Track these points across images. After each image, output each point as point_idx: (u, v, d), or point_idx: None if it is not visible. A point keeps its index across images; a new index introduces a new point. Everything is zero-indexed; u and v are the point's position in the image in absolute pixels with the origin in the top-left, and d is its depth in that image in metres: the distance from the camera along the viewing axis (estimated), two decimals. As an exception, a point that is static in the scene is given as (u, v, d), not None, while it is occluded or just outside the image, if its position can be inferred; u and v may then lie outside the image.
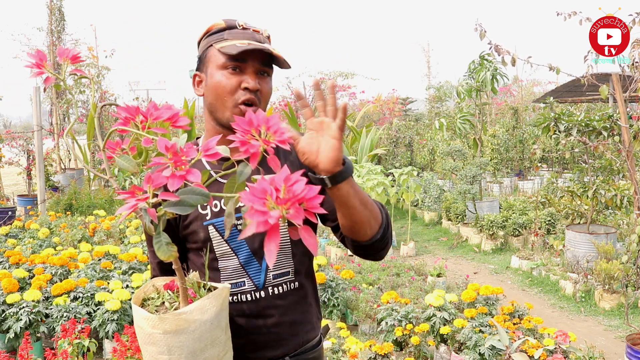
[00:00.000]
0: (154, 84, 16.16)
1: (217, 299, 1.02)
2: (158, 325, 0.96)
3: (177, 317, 0.96)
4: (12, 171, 10.68)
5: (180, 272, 0.97)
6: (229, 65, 1.18)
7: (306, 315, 1.32)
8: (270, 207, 0.66)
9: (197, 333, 0.97)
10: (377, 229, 1.12)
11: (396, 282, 4.72)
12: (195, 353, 0.98)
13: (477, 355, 3.14)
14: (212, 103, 1.22)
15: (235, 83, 1.18)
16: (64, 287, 3.83)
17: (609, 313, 4.60)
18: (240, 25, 1.21)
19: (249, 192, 0.68)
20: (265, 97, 1.22)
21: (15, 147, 9.78)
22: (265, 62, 1.20)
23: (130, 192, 0.75)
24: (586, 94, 11.41)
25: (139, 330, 1.01)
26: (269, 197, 0.66)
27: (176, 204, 0.77)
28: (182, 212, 0.77)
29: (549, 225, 6.67)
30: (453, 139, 11.15)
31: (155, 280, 1.11)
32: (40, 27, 11.47)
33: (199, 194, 0.78)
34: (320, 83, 9.13)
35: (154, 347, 0.98)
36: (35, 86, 7.40)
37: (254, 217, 0.66)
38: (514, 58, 4.72)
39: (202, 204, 1.23)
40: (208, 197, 0.78)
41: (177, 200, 0.76)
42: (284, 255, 1.27)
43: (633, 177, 4.84)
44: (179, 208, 0.77)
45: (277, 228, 0.68)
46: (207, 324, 0.98)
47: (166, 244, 0.82)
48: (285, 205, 0.66)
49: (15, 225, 6.46)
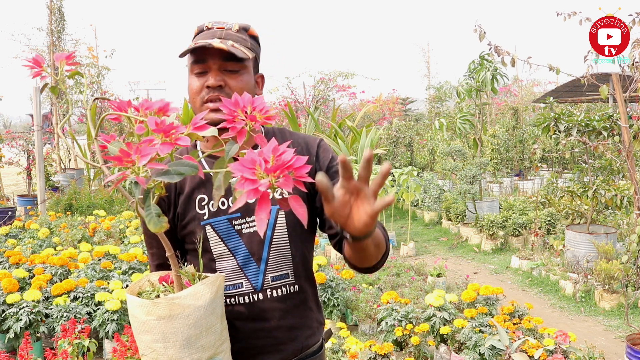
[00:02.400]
0: (154, 84, 16.18)
1: (212, 286, 1.01)
2: (152, 311, 0.96)
3: (170, 302, 0.96)
4: (12, 171, 10.68)
5: (174, 259, 0.97)
6: (194, 68, 1.22)
7: (306, 320, 1.30)
8: (259, 176, 0.68)
9: (191, 319, 0.97)
10: (381, 257, 1.14)
11: (396, 282, 4.72)
12: (190, 340, 0.98)
13: (477, 355, 3.14)
14: (191, 107, 1.27)
15: (200, 84, 1.21)
16: (64, 287, 3.82)
17: (609, 313, 4.60)
18: (206, 27, 1.24)
19: (239, 163, 0.69)
20: (238, 92, 1.21)
21: (15, 147, 9.78)
22: (228, 58, 1.20)
23: (117, 158, 0.74)
24: (586, 94, 11.42)
25: (133, 320, 1.01)
26: (258, 167, 0.68)
27: (165, 173, 0.77)
28: (171, 180, 0.77)
29: (549, 225, 6.67)
30: (453, 139, 11.15)
31: (150, 276, 1.11)
32: (40, 27, 11.48)
33: (186, 165, 0.78)
34: (321, 83, 9.08)
35: (149, 335, 0.98)
36: (35, 86, 7.40)
37: (244, 186, 0.68)
38: (514, 58, 4.72)
39: (199, 206, 1.24)
40: (197, 169, 0.79)
41: (165, 170, 0.76)
42: (283, 256, 1.25)
43: (633, 177, 4.84)
44: (168, 177, 0.77)
45: (267, 197, 0.70)
46: (201, 309, 0.98)
47: (157, 215, 0.82)
48: (274, 174, 0.68)
49: (15, 225, 6.46)
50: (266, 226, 0.72)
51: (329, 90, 12.96)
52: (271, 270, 1.24)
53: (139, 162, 0.73)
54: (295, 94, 13.03)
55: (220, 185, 0.82)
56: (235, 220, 1.23)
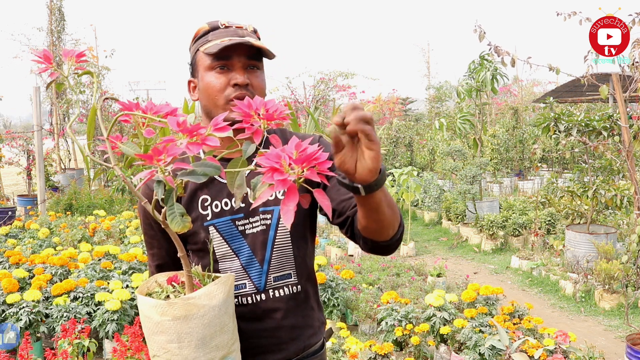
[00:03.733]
0: (154, 84, 16.18)
1: (224, 285, 1.02)
2: (167, 311, 0.96)
3: (186, 302, 0.96)
4: (12, 171, 10.68)
5: (186, 260, 0.97)
6: (215, 65, 1.19)
7: (307, 320, 1.31)
8: (285, 170, 0.70)
9: (206, 319, 0.97)
10: (397, 228, 1.10)
11: (396, 282, 4.72)
12: (205, 339, 0.98)
13: (477, 355, 3.14)
14: (206, 105, 1.23)
15: (224, 81, 1.19)
16: (64, 287, 3.82)
17: (609, 313, 4.59)
18: (223, 25, 1.23)
19: (264, 157, 0.71)
20: (259, 90, 1.22)
21: (15, 147, 9.78)
22: (252, 56, 1.20)
23: (149, 157, 0.75)
24: (586, 94, 11.41)
25: (146, 321, 1.00)
26: (283, 161, 0.70)
27: (191, 173, 0.78)
28: (197, 180, 0.78)
29: (549, 225, 6.67)
30: (453, 139, 11.14)
31: (157, 276, 1.10)
32: (40, 27, 11.50)
33: (210, 166, 0.79)
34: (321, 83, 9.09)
35: (163, 335, 0.97)
36: (35, 86, 7.39)
37: (273, 177, 0.69)
38: (514, 58, 4.72)
39: (202, 207, 1.23)
40: (219, 169, 0.79)
41: (191, 170, 0.78)
42: (285, 257, 1.26)
43: (633, 177, 4.84)
44: (194, 177, 0.78)
45: (295, 188, 0.71)
46: (215, 309, 0.98)
47: (180, 214, 0.83)
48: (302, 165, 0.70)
49: (15, 225, 6.46)
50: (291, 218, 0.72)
51: (329, 90, 12.95)
52: (274, 271, 1.24)
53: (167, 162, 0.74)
54: (295, 94, 13.02)
55: (242, 183, 0.82)
56: (238, 221, 1.23)
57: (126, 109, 0.84)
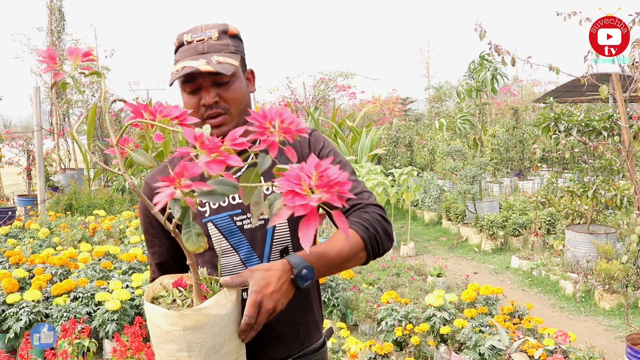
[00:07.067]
0: (154, 84, 16.17)
1: (232, 293, 1.03)
2: (178, 322, 0.95)
3: (197, 313, 0.95)
4: (12, 171, 10.68)
5: (195, 268, 0.97)
6: (185, 87, 1.21)
7: (307, 315, 1.32)
8: (307, 193, 0.68)
9: (216, 328, 0.97)
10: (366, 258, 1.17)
11: (396, 282, 4.72)
12: (215, 348, 0.98)
13: (477, 355, 3.14)
14: None
15: (195, 102, 1.21)
16: (64, 287, 3.82)
17: (609, 313, 4.59)
18: (186, 41, 1.22)
19: (284, 179, 0.69)
20: (232, 102, 1.21)
21: (15, 147, 9.78)
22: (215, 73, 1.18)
23: (170, 179, 0.74)
24: (586, 94, 11.41)
25: (154, 329, 0.99)
26: (303, 183, 0.68)
27: (209, 193, 0.77)
28: (215, 200, 0.78)
29: (549, 225, 6.67)
30: (453, 139, 11.15)
31: (162, 279, 1.10)
32: (40, 27, 11.49)
33: (228, 184, 0.78)
34: (321, 83, 9.08)
35: (173, 344, 0.97)
36: (35, 86, 7.39)
37: (294, 201, 0.67)
38: (514, 58, 4.72)
39: (200, 203, 1.24)
40: (237, 188, 0.79)
41: (210, 190, 0.76)
42: (285, 252, 1.27)
43: (633, 177, 4.84)
44: (212, 197, 0.77)
45: (316, 212, 0.69)
46: (225, 318, 0.99)
47: (196, 234, 0.82)
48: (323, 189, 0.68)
49: (15, 225, 6.46)
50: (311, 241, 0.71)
51: (329, 90, 12.96)
52: None
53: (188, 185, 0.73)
54: (295, 94, 13.03)
55: (259, 201, 0.80)
56: (236, 217, 1.24)
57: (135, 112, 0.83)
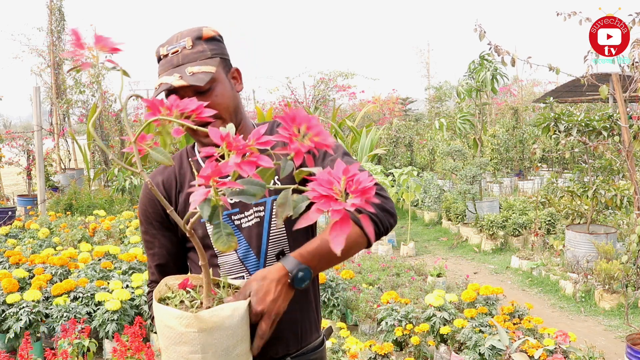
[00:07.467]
0: (154, 84, 16.15)
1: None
2: (193, 323, 0.95)
3: (213, 315, 0.96)
4: (12, 171, 10.68)
5: (207, 269, 0.97)
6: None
7: (305, 314, 1.32)
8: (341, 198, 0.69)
9: (230, 330, 0.98)
10: (366, 244, 1.15)
11: (396, 282, 4.72)
12: (228, 350, 0.99)
13: (477, 355, 3.14)
14: None
15: None
16: (64, 287, 3.82)
17: (609, 313, 4.59)
18: (162, 55, 1.22)
19: (316, 183, 0.70)
20: (221, 106, 1.20)
21: (15, 147, 9.78)
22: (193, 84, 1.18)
23: (207, 177, 0.74)
24: (586, 94, 11.41)
25: (166, 331, 0.99)
26: (335, 188, 0.69)
27: (241, 193, 0.77)
28: (247, 200, 0.78)
29: (549, 225, 6.67)
30: (453, 139, 11.14)
31: (167, 280, 1.10)
32: (40, 27, 11.47)
33: (257, 184, 0.78)
34: (321, 83, 9.08)
35: (186, 346, 0.97)
36: (35, 86, 7.40)
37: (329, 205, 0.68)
38: (514, 58, 4.72)
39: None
40: (264, 188, 0.79)
41: (241, 189, 0.77)
42: (281, 249, 1.27)
43: (633, 177, 4.84)
44: (244, 197, 0.77)
45: (349, 217, 0.70)
46: (238, 320, 0.99)
47: (227, 234, 0.82)
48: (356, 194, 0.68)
49: (15, 225, 6.46)
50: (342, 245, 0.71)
51: (329, 90, 12.96)
52: (270, 263, 1.25)
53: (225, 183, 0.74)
54: (295, 94, 13.03)
55: (285, 202, 0.79)
56: (234, 215, 1.25)
57: (151, 108, 0.82)
